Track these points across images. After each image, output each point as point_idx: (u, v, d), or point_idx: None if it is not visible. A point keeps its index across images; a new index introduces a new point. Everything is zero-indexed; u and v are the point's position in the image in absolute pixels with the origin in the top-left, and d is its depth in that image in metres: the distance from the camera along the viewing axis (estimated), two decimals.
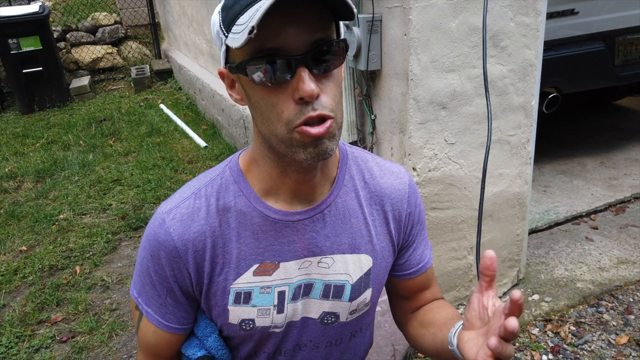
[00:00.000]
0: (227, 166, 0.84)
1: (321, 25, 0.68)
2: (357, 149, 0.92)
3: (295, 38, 0.65)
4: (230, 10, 0.68)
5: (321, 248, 0.84)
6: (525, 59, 1.77)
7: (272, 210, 0.81)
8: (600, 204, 2.71)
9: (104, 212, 3.18)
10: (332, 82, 0.70)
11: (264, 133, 0.73)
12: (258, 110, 0.72)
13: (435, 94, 1.67)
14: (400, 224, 0.90)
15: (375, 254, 0.88)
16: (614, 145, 3.47)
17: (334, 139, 0.71)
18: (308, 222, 0.82)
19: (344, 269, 0.85)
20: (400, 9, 1.58)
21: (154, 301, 0.84)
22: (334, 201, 0.84)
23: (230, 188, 0.82)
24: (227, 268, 0.81)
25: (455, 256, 1.95)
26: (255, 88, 0.69)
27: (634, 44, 2.91)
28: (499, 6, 1.65)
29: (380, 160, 0.92)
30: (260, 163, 0.80)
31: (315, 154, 0.70)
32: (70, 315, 2.22)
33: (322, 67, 0.68)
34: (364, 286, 0.88)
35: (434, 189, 1.80)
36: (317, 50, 0.67)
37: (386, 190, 0.88)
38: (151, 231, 0.81)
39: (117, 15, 7.32)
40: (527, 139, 1.89)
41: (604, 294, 2.09)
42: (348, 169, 0.87)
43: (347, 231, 0.85)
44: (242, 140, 3.71)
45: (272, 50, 0.66)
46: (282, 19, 0.64)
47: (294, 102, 0.67)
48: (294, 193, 0.81)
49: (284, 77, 0.66)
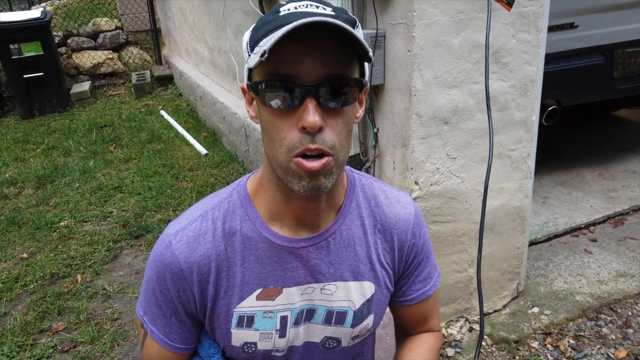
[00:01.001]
0: (234, 189, 0.86)
1: (340, 61, 0.69)
2: (365, 175, 0.93)
3: (310, 69, 0.67)
4: (258, 31, 0.71)
5: (324, 275, 0.85)
6: (526, 75, 1.79)
7: (276, 236, 0.82)
8: (599, 216, 2.73)
9: (105, 220, 3.19)
10: (340, 118, 0.71)
11: (268, 155, 0.75)
12: (265, 131, 0.73)
13: (437, 109, 1.69)
14: (402, 254, 0.91)
15: (378, 281, 0.89)
16: (613, 156, 3.50)
17: (331, 176, 0.72)
18: (312, 250, 0.83)
19: (347, 296, 0.86)
20: (404, 25, 1.60)
21: (159, 321, 0.86)
22: (338, 229, 0.85)
23: (236, 212, 0.83)
24: (230, 291, 0.83)
25: (456, 269, 1.96)
26: (265, 109, 0.71)
27: (632, 57, 2.94)
28: (501, 23, 1.68)
29: (387, 188, 0.93)
30: (266, 187, 0.82)
31: (308, 188, 0.71)
32: (72, 325, 2.23)
33: (332, 102, 0.69)
34: (366, 312, 0.89)
35: (435, 203, 1.81)
36: (330, 84, 0.68)
37: (391, 219, 0.89)
38: (158, 252, 0.83)
39: (118, 20, 7.34)
40: (527, 154, 1.91)
41: (603, 307, 2.10)
42: (355, 197, 0.88)
43: (351, 259, 0.86)
44: (243, 148, 3.72)
45: (286, 76, 0.67)
46: (302, 48, 0.66)
47: (298, 131, 0.69)
48: (298, 219, 0.82)
49: (292, 104, 0.68)
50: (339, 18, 0.69)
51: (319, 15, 0.67)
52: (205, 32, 4.60)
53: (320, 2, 0.72)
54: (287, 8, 0.70)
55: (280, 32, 0.62)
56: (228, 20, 3.64)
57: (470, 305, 2.06)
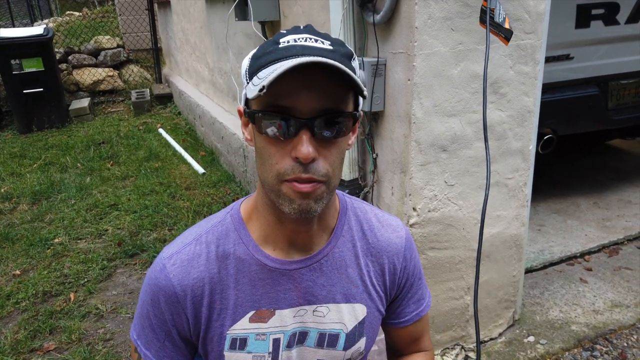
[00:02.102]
0: (228, 213, 0.87)
1: (335, 95, 0.71)
2: (357, 200, 0.95)
3: (306, 102, 0.69)
4: (257, 60, 0.73)
5: (317, 297, 0.86)
6: (523, 106, 1.82)
7: (269, 258, 0.83)
8: (594, 245, 2.75)
9: (100, 238, 3.17)
10: (334, 148, 0.73)
11: (260, 178, 0.77)
12: (259, 155, 0.76)
13: (436, 137, 1.71)
14: (394, 277, 0.92)
15: (370, 303, 0.90)
16: (607, 185, 3.53)
17: (321, 201, 0.74)
18: (305, 272, 0.85)
19: (339, 318, 0.87)
20: (405, 55, 1.64)
21: (153, 344, 0.86)
22: (331, 251, 0.86)
23: (230, 235, 0.84)
24: (224, 314, 0.83)
25: (452, 296, 1.96)
26: (260, 136, 0.73)
27: (626, 89, 2.99)
28: (499, 55, 1.71)
29: (379, 212, 0.95)
30: (260, 209, 0.83)
31: (298, 210, 0.73)
32: (63, 345, 2.20)
33: (326, 134, 0.71)
34: (358, 335, 0.90)
35: (433, 229, 1.82)
36: (324, 118, 0.70)
37: (383, 243, 0.91)
38: (152, 276, 0.84)
39: (120, 39, 7.43)
40: (524, 182, 1.93)
41: (598, 337, 2.10)
42: (347, 220, 0.90)
43: (343, 281, 0.87)
44: (241, 168, 3.74)
45: (282, 108, 0.69)
46: (299, 81, 0.68)
47: (291, 159, 0.71)
48: (290, 242, 0.83)
49: (287, 134, 0.70)
50: (337, 53, 0.71)
51: (318, 50, 0.69)
52: (207, 53, 4.66)
53: (319, 36, 0.74)
54: (287, 40, 0.72)
55: (280, 70, 0.64)
56: (230, 43, 3.69)
57: (466, 333, 2.05)
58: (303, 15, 2.39)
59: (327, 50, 0.70)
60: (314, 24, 2.29)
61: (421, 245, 1.82)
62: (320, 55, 0.68)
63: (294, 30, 0.74)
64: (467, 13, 1.61)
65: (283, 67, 0.64)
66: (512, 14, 1.67)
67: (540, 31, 1.76)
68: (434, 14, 1.57)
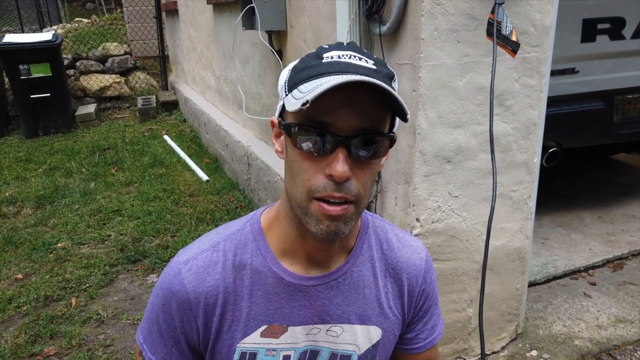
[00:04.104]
0: (248, 222, 0.85)
1: (375, 115, 0.69)
2: (378, 218, 0.93)
3: (345, 120, 0.67)
4: (299, 73, 0.72)
5: (332, 316, 0.84)
6: (528, 118, 1.82)
7: (286, 272, 0.82)
8: (598, 260, 2.73)
9: (103, 243, 3.17)
10: (367, 169, 0.72)
11: (288, 192, 0.75)
12: (290, 168, 0.74)
13: (441, 148, 1.71)
14: (412, 299, 0.91)
15: (385, 326, 0.88)
16: (612, 200, 3.52)
17: (350, 222, 0.72)
18: (321, 289, 0.83)
19: (353, 340, 0.85)
20: (410, 66, 1.64)
21: (159, 350, 0.84)
22: (349, 270, 0.85)
23: (248, 245, 0.83)
24: (235, 326, 0.82)
25: (455, 308, 1.95)
26: (294, 149, 0.71)
27: (631, 104, 2.99)
28: (505, 68, 1.72)
29: (400, 232, 0.93)
30: (282, 221, 0.81)
31: (326, 232, 0.71)
32: (64, 350, 2.19)
33: (362, 153, 0.69)
34: (370, 358, 0.88)
35: (436, 241, 1.82)
36: (362, 138, 0.69)
37: (403, 264, 0.89)
38: (166, 280, 0.82)
39: (127, 46, 7.49)
40: (528, 195, 1.93)
41: (602, 353, 2.08)
42: (367, 239, 0.88)
43: (360, 301, 0.85)
44: (245, 176, 3.74)
45: (321, 123, 0.68)
46: (340, 99, 0.66)
47: (324, 176, 0.69)
48: (310, 258, 0.82)
49: (323, 150, 0.69)
50: (381, 73, 0.70)
51: (363, 69, 0.68)
52: (213, 61, 4.69)
53: (363, 54, 0.72)
54: (331, 55, 0.70)
55: (327, 85, 0.63)
56: (236, 51, 3.72)
57: (468, 346, 2.04)
58: (310, 25, 2.40)
59: (371, 70, 0.69)
60: (321, 34, 2.30)
61: None
62: (365, 74, 0.67)
63: (337, 47, 0.73)
64: (474, 25, 1.61)
65: (330, 83, 0.63)
66: (518, 27, 1.68)
67: (546, 44, 1.77)
68: (440, 26, 1.57)
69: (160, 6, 6.87)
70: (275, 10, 2.62)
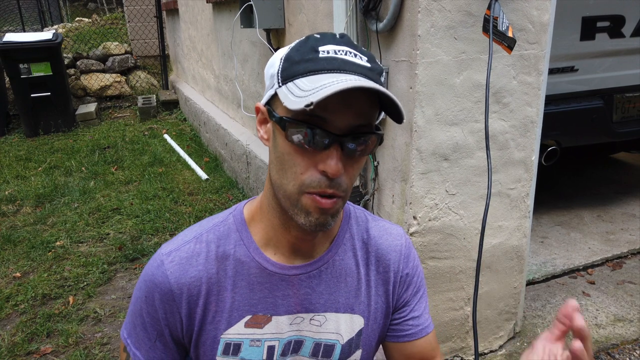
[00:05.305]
0: (231, 214, 0.86)
1: (369, 114, 0.71)
2: (359, 208, 0.94)
3: (343, 118, 0.68)
4: (293, 65, 0.71)
5: (315, 305, 0.84)
6: (526, 116, 1.81)
7: (270, 262, 0.82)
8: (597, 259, 2.72)
9: (101, 242, 3.17)
10: (356, 164, 0.73)
11: (276, 183, 0.75)
12: (279, 160, 0.73)
13: (438, 145, 1.70)
14: (395, 285, 0.90)
15: (368, 314, 0.88)
16: (612, 199, 3.50)
17: (336, 215, 0.74)
18: (304, 278, 0.83)
19: (336, 328, 0.86)
20: (407, 63, 1.64)
21: (143, 344, 0.84)
22: (331, 259, 0.85)
23: (231, 236, 0.83)
24: (219, 317, 0.82)
25: (452, 306, 1.94)
26: (286, 141, 0.71)
27: (631, 102, 2.98)
28: (502, 65, 1.71)
29: (380, 220, 0.94)
30: (265, 211, 0.82)
31: (315, 224, 0.72)
32: (60, 348, 2.19)
33: (354, 151, 0.71)
34: (354, 347, 0.87)
35: (433, 239, 1.81)
36: (356, 135, 0.69)
37: (384, 250, 0.90)
38: (149, 272, 0.82)
39: (128, 45, 7.50)
40: (526, 193, 1.92)
41: (600, 352, 2.07)
42: (349, 228, 0.89)
43: (342, 290, 0.86)
44: (244, 175, 3.74)
45: (318, 118, 0.67)
46: (338, 97, 0.66)
47: (317, 171, 0.70)
48: (293, 247, 0.82)
49: (318, 146, 0.69)
50: (374, 71, 0.71)
51: (359, 67, 0.69)
52: (213, 60, 4.69)
53: (357, 49, 0.73)
54: (327, 50, 0.70)
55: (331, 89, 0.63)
56: (235, 50, 3.71)
57: (465, 344, 2.03)
58: (308, 23, 2.40)
59: (366, 68, 0.70)
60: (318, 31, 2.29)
61: (421, 254, 1.81)
62: (362, 73, 0.69)
63: (332, 39, 0.72)
64: (470, 22, 1.61)
65: (335, 87, 0.63)
66: (515, 24, 1.67)
67: (544, 41, 1.76)
68: (437, 23, 1.57)
69: (161, 5, 6.87)
70: (273, 8, 2.61)
